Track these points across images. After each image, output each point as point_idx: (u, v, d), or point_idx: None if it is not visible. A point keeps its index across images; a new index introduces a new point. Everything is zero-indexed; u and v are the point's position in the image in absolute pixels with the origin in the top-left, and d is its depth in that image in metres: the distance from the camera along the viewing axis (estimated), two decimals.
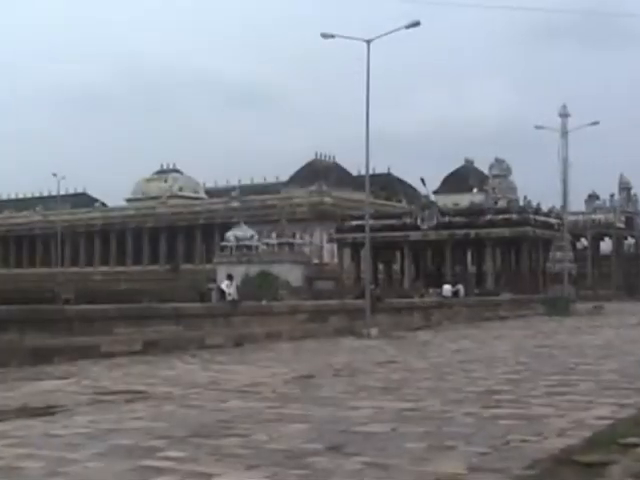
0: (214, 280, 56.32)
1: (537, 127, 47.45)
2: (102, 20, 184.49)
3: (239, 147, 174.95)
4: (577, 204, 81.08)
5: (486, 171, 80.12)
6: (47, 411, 9.26)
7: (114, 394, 10.69)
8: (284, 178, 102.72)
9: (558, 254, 50.92)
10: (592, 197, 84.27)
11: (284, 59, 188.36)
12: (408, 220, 66.91)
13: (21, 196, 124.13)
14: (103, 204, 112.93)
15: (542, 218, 64.41)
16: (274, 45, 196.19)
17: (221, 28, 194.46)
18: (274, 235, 76.04)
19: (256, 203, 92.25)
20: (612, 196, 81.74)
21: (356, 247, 65.73)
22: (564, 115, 49.54)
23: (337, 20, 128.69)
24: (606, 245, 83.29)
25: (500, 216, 63.27)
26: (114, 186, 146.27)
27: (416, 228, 65.73)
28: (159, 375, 13.33)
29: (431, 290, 48.38)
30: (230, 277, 22.94)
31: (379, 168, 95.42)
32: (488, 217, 63.56)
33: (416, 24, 24.93)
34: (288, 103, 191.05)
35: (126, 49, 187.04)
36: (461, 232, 63.70)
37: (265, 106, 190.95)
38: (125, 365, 14.85)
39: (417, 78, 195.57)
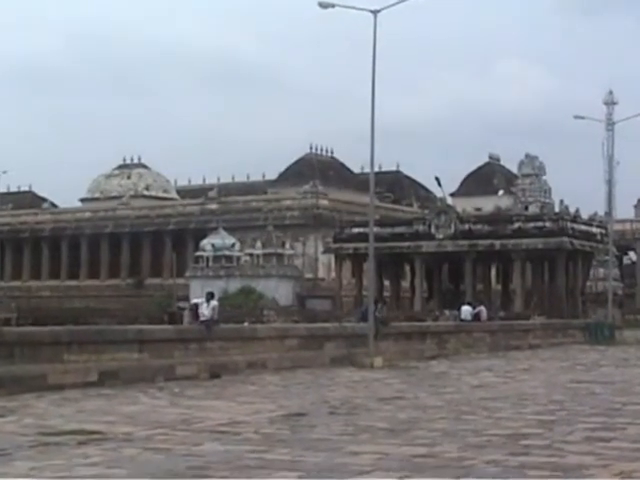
0: (186, 297, 56.34)
1: (577, 117, 47.60)
2: None
3: (218, 138, 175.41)
4: (624, 210, 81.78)
5: (514, 170, 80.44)
6: None
7: (63, 435, 10.66)
8: (272, 176, 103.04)
9: (601, 271, 51.04)
10: None
11: (274, 32, 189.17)
12: (420, 228, 66.96)
13: None
14: (53, 204, 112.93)
15: (582, 227, 64.53)
16: (262, 16, 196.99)
17: None
18: (259, 244, 76.11)
19: (238, 205, 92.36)
20: None
21: (358, 259, 65.80)
22: (610, 103, 49.91)
23: None
24: None
25: (531, 224, 63.36)
26: (66, 183, 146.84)
27: (430, 237, 65.78)
28: (119, 412, 13.31)
29: (447, 312, 48.48)
30: (211, 295, 22.74)
31: (386, 165, 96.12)
32: (516, 225, 63.65)
33: None
34: (278, 86, 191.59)
35: (80, 14, 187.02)
36: (484, 243, 63.77)
37: (250, 89, 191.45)
38: (78, 399, 14.82)
39: (433, 58, 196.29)
